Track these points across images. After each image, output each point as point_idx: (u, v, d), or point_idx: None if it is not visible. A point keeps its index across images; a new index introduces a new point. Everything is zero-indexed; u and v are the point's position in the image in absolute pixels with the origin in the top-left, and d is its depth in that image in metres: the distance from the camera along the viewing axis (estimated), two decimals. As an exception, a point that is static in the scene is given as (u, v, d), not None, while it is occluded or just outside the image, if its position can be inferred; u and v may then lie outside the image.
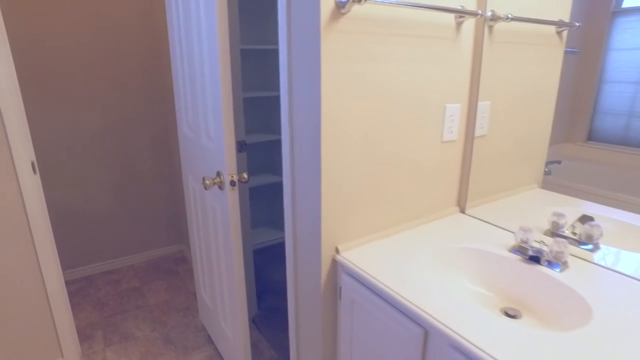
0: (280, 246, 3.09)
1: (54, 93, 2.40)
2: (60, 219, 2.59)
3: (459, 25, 1.26)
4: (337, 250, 1.20)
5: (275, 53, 2.85)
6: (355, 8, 1.02)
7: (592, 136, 1.13)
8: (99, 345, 2.06)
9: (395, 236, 1.29)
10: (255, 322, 2.20)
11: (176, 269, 2.79)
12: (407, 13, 1.12)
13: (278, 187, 3.16)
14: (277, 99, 2.93)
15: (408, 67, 1.18)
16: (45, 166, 2.47)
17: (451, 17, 1.23)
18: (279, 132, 2.99)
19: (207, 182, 1.32)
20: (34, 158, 1.65)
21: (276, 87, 2.92)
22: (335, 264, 1.22)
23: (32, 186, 1.60)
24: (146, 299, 2.44)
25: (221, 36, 1.19)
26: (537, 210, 1.28)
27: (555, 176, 1.25)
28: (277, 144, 3.04)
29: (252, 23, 2.89)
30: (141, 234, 2.89)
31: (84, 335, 2.13)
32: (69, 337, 1.82)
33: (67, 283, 2.64)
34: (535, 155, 1.30)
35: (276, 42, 2.80)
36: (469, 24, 1.28)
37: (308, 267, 1.27)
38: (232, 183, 1.31)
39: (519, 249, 1.13)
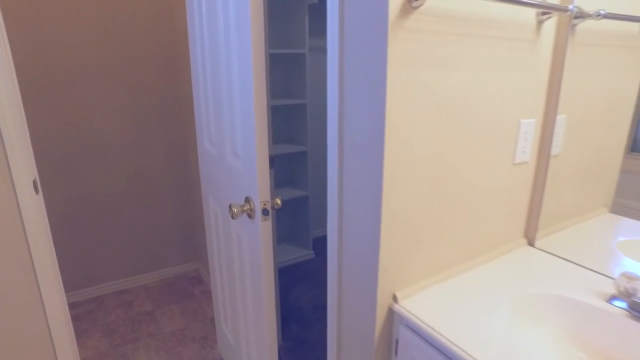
0: (304, 265, 2.88)
1: (58, 97, 2.21)
2: (67, 235, 2.40)
3: (539, 23, 1.04)
4: (394, 298, 0.98)
5: (299, 58, 2.65)
6: (430, 1, 0.81)
7: (636, 147, 1.03)
8: (107, 379, 1.87)
9: (460, 277, 1.08)
10: (280, 355, 1.98)
11: (192, 290, 2.59)
12: (486, 8, 0.91)
13: (301, 202, 2.95)
14: (300, 107, 2.73)
15: (483, 75, 0.96)
16: (49, 177, 2.29)
17: (532, 14, 1.01)
18: (302, 143, 2.78)
19: (235, 210, 1.11)
20: (36, 176, 1.47)
21: (300, 94, 2.71)
22: (391, 313, 1.00)
23: (33, 208, 1.41)
24: (159, 325, 2.24)
25: (255, 36, 0.99)
26: (617, 242, 1.07)
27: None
28: (300, 155, 2.84)
29: (273, 25, 2.70)
30: (154, 251, 2.70)
31: (92, 368, 1.94)
32: (74, 374, 1.62)
33: (77, 304, 2.46)
34: (608, 174, 1.10)
35: (300, 46, 2.60)
36: (551, 22, 1.06)
37: (356, 316, 1.05)
38: (265, 212, 1.10)
39: (632, 305, 0.90)
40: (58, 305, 1.55)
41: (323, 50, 2.97)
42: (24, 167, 1.36)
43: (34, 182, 1.44)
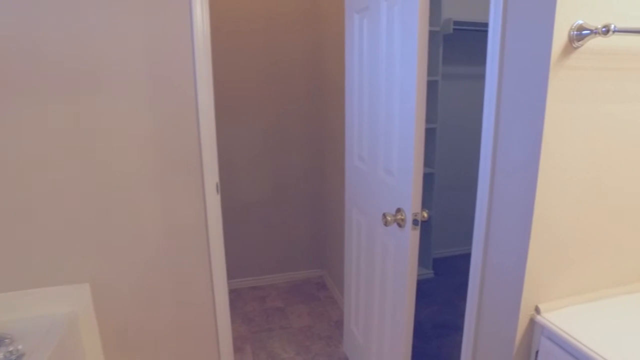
0: (424, 283, 2.95)
1: (227, 119, 2.67)
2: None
3: None
4: (537, 310, 1.06)
5: (432, 84, 2.79)
6: (591, 41, 0.91)
7: None
8: (248, 359, 2.16)
9: (607, 301, 1.10)
10: (400, 364, 2.09)
11: (317, 294, 2.83)
12: (647, 46, 0.97)
13: (424, 222, 3.03)
14: (431, 131, 2.84)
15: (637, 106, 1.01)
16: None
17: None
18: (430, 166, 2.89)
19: (388, 218, 1.29)
20: (217, 179, 1.81)
21: (431, 119, 2.83)
22: (532, 325, 1.08)
23: (214, 205, 1.75)
24: (289, 320, 2.51)
25: (420, 70, 1.17)
26: None
27: None
28: (427, 177, 2.93)
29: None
30: (285, 255, 3.01)
31: (235, 348, 2.25)
32: (227, 348, 1.92)
33: (220, 294, 2.85)
34: None
35: (434, 74, 2.74)
36: None
37: (495, 325, 1.14)
38: (415, 222, 1.26)
39: None
40: (222, 289, 1.86)
41: (454, 77, 3.07)
42: (212, 172, 1.71)
43: (216, 185, 1.79)
